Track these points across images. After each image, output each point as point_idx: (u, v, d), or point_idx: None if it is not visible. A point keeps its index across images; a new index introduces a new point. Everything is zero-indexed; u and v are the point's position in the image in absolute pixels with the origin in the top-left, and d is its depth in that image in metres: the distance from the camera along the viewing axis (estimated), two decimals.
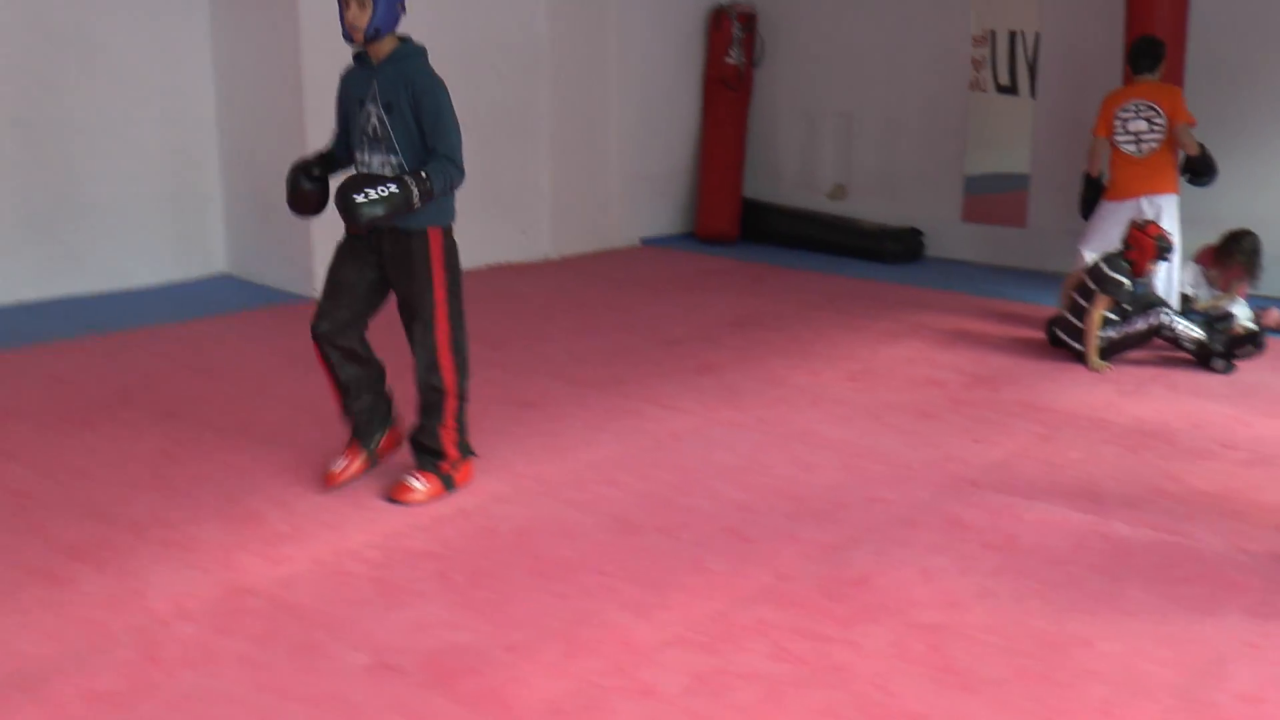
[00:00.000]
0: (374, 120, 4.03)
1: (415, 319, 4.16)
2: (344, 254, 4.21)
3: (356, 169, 4.15)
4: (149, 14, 7.51)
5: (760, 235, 9.71)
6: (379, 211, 3.88)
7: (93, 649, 3.23)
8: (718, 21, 9.68)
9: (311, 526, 3.99)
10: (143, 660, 3.17)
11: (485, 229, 8.41)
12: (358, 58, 4.15)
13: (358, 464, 4.33)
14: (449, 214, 4.18)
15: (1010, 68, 9.71)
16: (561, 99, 8.73)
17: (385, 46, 4.04)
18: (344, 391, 4.29)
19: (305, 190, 4.21)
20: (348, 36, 3.98)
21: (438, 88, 4.03)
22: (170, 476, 4.45)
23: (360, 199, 3.85)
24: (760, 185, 10.03)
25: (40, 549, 3.83)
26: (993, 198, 9.41)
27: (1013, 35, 9.36)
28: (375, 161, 4.07)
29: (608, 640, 3.26)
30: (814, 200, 9.84)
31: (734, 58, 9.68)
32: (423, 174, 3.94)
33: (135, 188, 7.65)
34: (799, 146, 9.99)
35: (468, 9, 8.05)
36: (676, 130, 9.87)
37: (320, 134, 7.28)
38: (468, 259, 8.21)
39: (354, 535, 3.92)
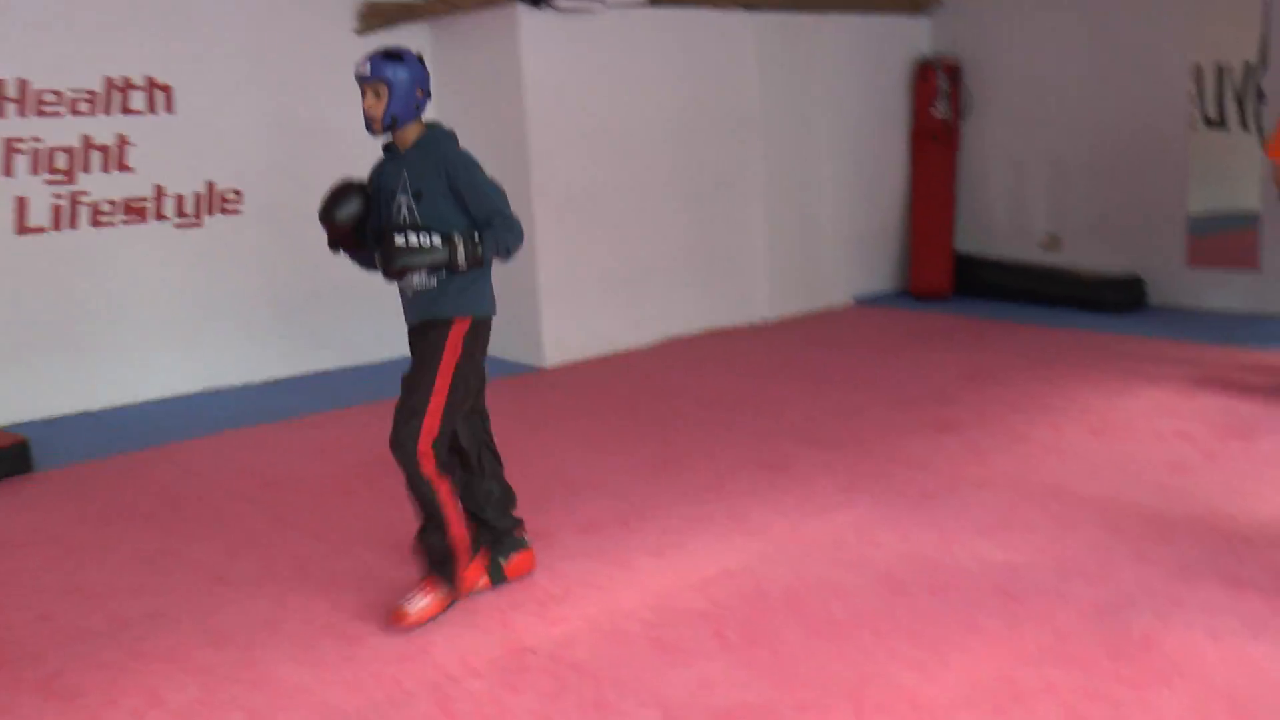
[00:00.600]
0: (404, 210, 3.88)
1: (405, 402, 3.92)
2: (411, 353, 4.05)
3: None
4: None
5: (975, 290, 9.58)
6: (416, 261, 3.73)
7: (391, 701, 3.39)
8: (923, 75, 9.68)
9: (581, 589, 4.11)
10: (440, 714, 3.31)
11: (702, 294, 8.56)
12: (387, 149, 4.04)
13: (483, 581, 4.12)
14: (486, 303, 4.00)
15: (1219, 102, 9.39)
16: (774, 162, 8.86)
17: (410, 134, 3.94)
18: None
19: (339, 221, 3.93)
20: (368, 126, 3.88)
21: (470, 162, 3.91)
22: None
23: (400, 242, 3.72)
24: (972, 239, 9.92)
25: (328, 609, 4.06)
26: (1220, 238, 9.06)
27: (1219, 69, 9.06)
28: None
29: (897, 700, 3.24)
30: (1028, 251, 9.67)
31: (941, 111, 9.65)
32: (475, 236, 3.80)
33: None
34: (1010, 197, 9.85)
35: (682, 78, 8.27)
36: (886, 187, 9.87)
37: (544, 212, 7.64)
38: (687, 324, 8.34)
39: (624, 596, 4.02)
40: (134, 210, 7.11)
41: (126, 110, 7.03)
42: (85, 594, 4.34)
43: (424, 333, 3.95)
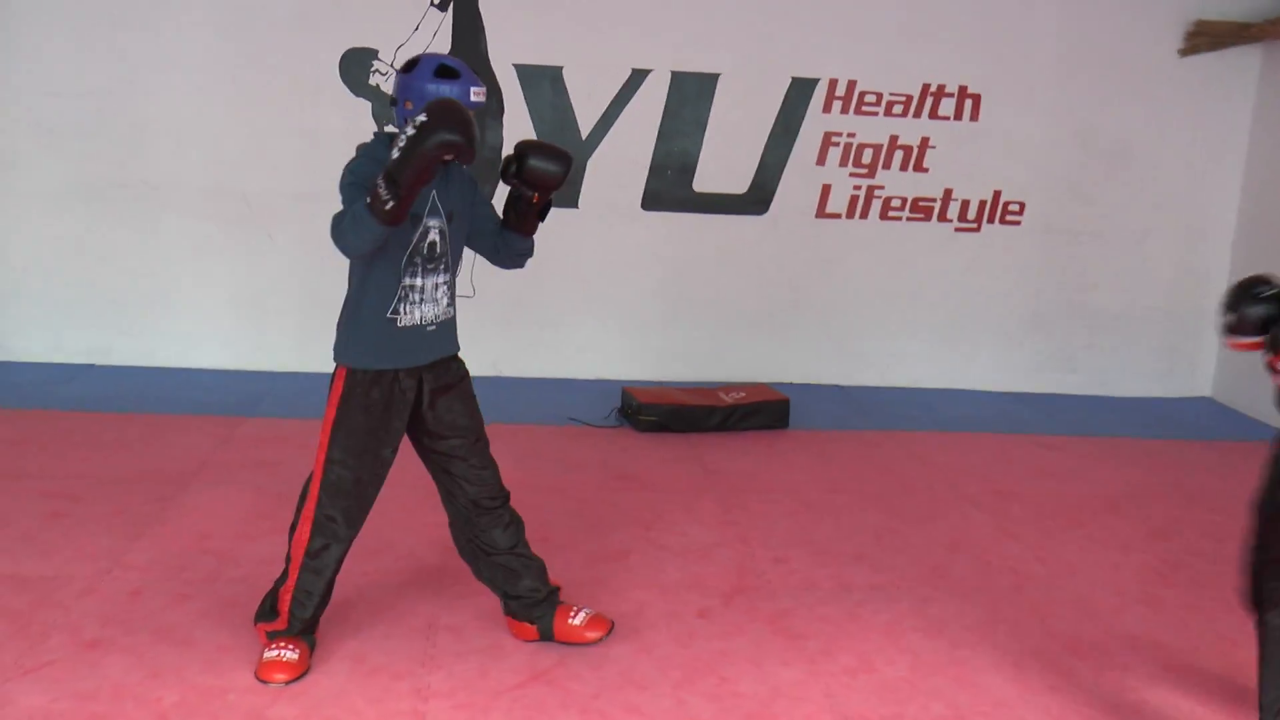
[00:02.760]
0: (432, 236, 3.30)
1: (483, 446, 3.61)
2: (376, 428, 3.41)
3: (400, 294, 3.35)
4: (1188, 129, 7.59)
5: None
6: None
7: None
8: None
9: None
10: None
11: None
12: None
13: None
14: None
15: None
16: None
17: None
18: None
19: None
20: (469, 160, 3.10)
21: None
22: (1161, 597, 4.42)
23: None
24: None
25: (1039, 631, 4.05)
26: None
27: None
28: (429, 285, 3.36)
29: None
30: None
31: None
32: None
33: (1137, 298, 7.81)
34: None
35: None
36: None
37: None
38: None
39: None
40: (920, 209, 7.50)
41: (934, 115, 7.40)
42: (816, 549, 4.74)
43: (450, 374, 3.53)
